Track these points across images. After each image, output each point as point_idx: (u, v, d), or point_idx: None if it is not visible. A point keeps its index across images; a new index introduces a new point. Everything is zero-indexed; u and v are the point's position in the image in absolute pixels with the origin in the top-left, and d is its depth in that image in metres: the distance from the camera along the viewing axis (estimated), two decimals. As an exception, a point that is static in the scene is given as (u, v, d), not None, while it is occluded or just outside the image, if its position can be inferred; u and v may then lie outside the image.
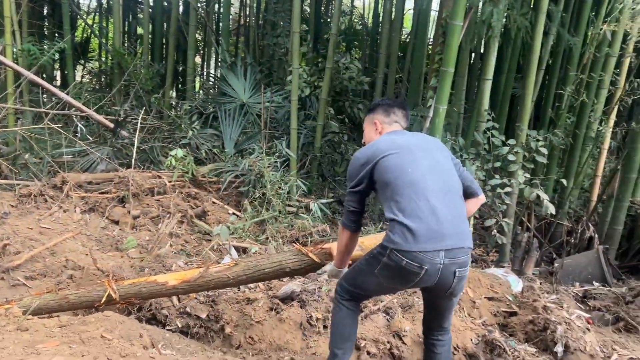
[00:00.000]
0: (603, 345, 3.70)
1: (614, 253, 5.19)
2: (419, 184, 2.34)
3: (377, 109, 2.76)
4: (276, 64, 8.47)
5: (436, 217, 2.28)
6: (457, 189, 2.47)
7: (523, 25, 4.53)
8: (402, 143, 2.51)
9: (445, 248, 2.26)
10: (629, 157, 5.02)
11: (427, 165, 2.42)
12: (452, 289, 2.39)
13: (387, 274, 2.39)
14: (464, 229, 2.36)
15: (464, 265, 2.35)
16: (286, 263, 3.17)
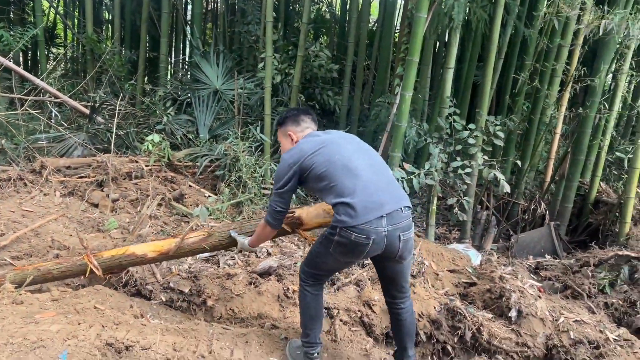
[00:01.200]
0: (552, 310, 4.04)
1: (564, 229, 5.63)
2: (348, 166, 2.59)
3: (286, 121, 2.92)
4: (246, 51, 8.61)
5: (370, 189, 2.55)
6: (382, 163, 2.77)
7: (482, 18, 4.85)
8: (324, 139, 2.74)
9: (386, 213, 2.52)
10: (578, 141, 5.44)
11: (351, 148, 2.70)
12: (400, 252, 2.63)
13: (340, 250, 2.63)
14: (398, 192, 2.66)
15: (407, 229, 2.61)
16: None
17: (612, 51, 5.07)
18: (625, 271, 4.35)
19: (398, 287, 2.89)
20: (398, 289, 2.89)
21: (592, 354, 3.65)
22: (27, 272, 3.40)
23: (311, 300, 2.86)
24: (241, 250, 3.98)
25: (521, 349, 3.74)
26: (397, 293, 2.92)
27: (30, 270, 3.41)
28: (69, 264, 3.45)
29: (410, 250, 2.69)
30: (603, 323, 3.93)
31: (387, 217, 2.53)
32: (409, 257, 2.73)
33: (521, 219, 5.75)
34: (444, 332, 3.79)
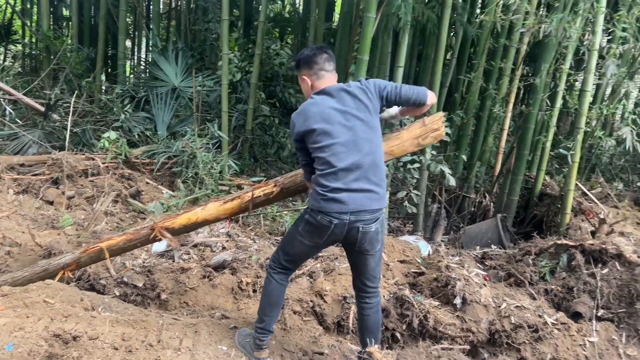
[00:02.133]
0: (496, 297, 4.24)
1: (511, 220, 5.88)
2: (333, 161, 2.63)
3: (300, 65, 2.86)
4: (208, 49, 8.65)
5: (345, 192, 2.62)
6: (371, 157, 2.67)
7: (431, 18, 5.04)
8: (327, 115, 2.68)
9: (351, 211, 2.65)
10: (522, 136, 5.70)
11: (343, 140, 2.65)
12: (359, 243, 2.74)
13: (307, 229, 2.78)
14: (371, 196, 2.68)
15: (369, 223, 2.70)
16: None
17: (552, 52, 5.34)
18: (564, 259, 4.58)
19: (363, 280, 2.97)
20: (363, 282, 2.97)
21: (532, 337, 3.86)
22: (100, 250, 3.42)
23: (275, 288, 2.97)
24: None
25: (465, 334, 3.92)
26: (362, 286, 3.00)
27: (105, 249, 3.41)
28: (138, 237, 3.44)
29: (371, 243, 2.77)
30: (542, 308, 4.15)
31: (352, 213, 2.66)
32: (372, 251, 2.82)
33: (470, 211, 5.99)
34: (392, 319, 3.94)
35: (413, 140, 3.27)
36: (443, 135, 3.34)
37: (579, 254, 4.50)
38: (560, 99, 5.40)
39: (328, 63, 2.81)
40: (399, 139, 3.27)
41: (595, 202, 5.59)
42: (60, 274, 3.43)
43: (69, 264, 3.45)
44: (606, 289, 4.24)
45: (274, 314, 3.02)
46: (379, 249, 2.86)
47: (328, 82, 2.80)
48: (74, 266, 3.47)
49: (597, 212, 5.33)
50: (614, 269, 4.33)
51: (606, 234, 4.91)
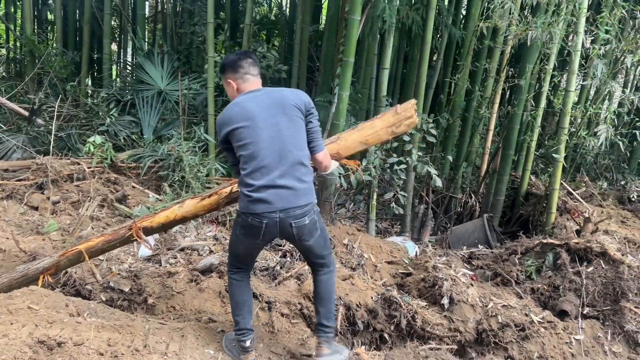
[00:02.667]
0: (483, 296, 4.27)
1: (497, 220, 5.93)
2: (257, 158, 2.70)
3: (225, 69, 2.94)
4: (195, 52, 8.61)
5: (271, 188, 2.69)
6: (295, 154, 2.74)
7: (416, 20, 5.07)
8: (249, 112, 2.74)
9: (279, 209, 2.70)
10: (507, 137, 5.76)
11: (266, 137, 2.71)
12: (297, 237, 2.83)
13: (243, 232, 2.84)
14: (297, 192, 2.74)
15: (299, 217, 2.76)
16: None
17: (536, 53, 5.40)
18: (550, 258, 4.62)
19: (312, 260, 3.06)
20: (313, 261, 3.07)
21: (519, 336, 3.90)
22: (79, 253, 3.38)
23: (235, 288, 3.04)
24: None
25: (453, 334, 3.95)
26: (312, 265, 3.11)
27: (84, 251, 3.37)
28: (117, 237, 3.41)
29: (310, 232, 2.84)
30: (529, 307, 4.19)
31: (280, 211, 2.72)
32: (312, 240, 2.88)
33: (456, 212, 6.03)
34: (381, 320, 3.96)
35: (387, 129, 3.31)
36: (417, 123, 3.38)
37: (565, 253, 4.55)
38: (544, 99, 5.47)
39: (253, 67, 2.90)
40: (372, 128, 3.31)
41: (580, 201, 5.66)
42: (41, 279, 3.39)
43: (48, 267, 3.42)
44: (591, 287, 4.29)
45: (244, 312, 3.05)
46: (319, 234, 2.91)
47: (253, 85, 2.88)
48: (53, 270, 3.44)
49: (582, 211, 5.39)
50: (598, 267, 4.38)
51: (591, 233, 4.97)
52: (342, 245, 4.82)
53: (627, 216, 5.79)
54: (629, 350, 4.02)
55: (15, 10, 10.45)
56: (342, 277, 4.19)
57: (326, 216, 5.27)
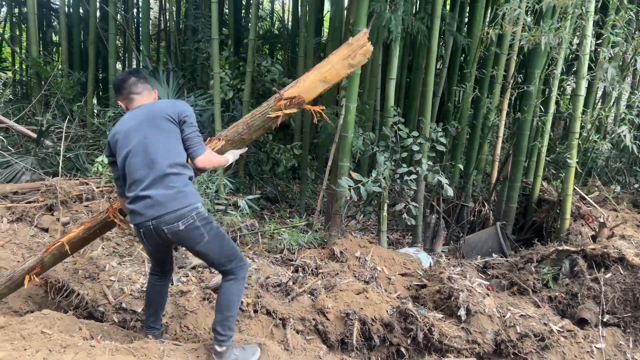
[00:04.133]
0: (500, 306, 4.20)
1: (510, 228, 5.85)
2: (131, 175, 2.86)
3: (115, 91, 3.15)
4: (199, 69, 8.65)
5: (140, 199, 2.81)
6: (161, 163, 2.81)
7: (421, 29, 5.05)
8: (126, 125, 2.92)
9: (151, 217, 2.80)
10: (517, 143, 5.70)
11: (135, 150, 2.84)
12: (179, 243, 2.95)
13: (138, 239, 3.11)
14: (166, 199, 2.78)
15: (172, 223, 2.79)
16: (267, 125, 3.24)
17: (543, 58, 5.36)
18: (566, 265, 4.55)
19: (162, 267, 3.26)
20: (162, 268, 3.26)
21: (538, 346, 3.82)
22: (61, 246, 3.37)
23: (148, 288, 3.32)
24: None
25: (471, 346, 3.88)
26: (160, 271, 3.28)
27: (66, 245, 3.37)
28: (96, 223, 3.42)
29: (191, 239, 2.86)
30: (547, 316, 4.12)
31: (152, 220, 2.82)
32: (198, 246, 2.90)
33: (469, 220, 5.96)
34: (397, 334, 3.90)
35: (343, 62, 3.25)
36: (371, 50, 3.32)
37: (581, 259, 4.48)
38: (553, 104, 5.41)
39: (136, 86, 3.03)
40: (329, 64, 3.26)
41: (594, 206, 5.58)
42: (27, 279, 3.35)
43: (33, 266, 3.40)
44: (610, 293, 4.21)
45: (149, 312, 3.30)
46: (207, 241, 2.88)
47: (138, 103, 3.02)
48: (38, 268, 3.41)
49: (596, 216, 5.31)
50: (617, 273, 4.30)
51: (607, 238, 4.90)
52: (355, 258, 4.77)
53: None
54: (653, 357, 3.93)
55: (20, 33, 10.55)
56: (356, 292, 4.14)
57: (337, 228, 5.23)
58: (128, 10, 9.23)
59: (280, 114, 3.16)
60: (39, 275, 3.46)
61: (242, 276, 3.04)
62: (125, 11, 9.22)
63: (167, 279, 3.37)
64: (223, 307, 3.01)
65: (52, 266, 3.55)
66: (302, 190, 6.87)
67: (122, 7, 9.26)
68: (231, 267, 2.98)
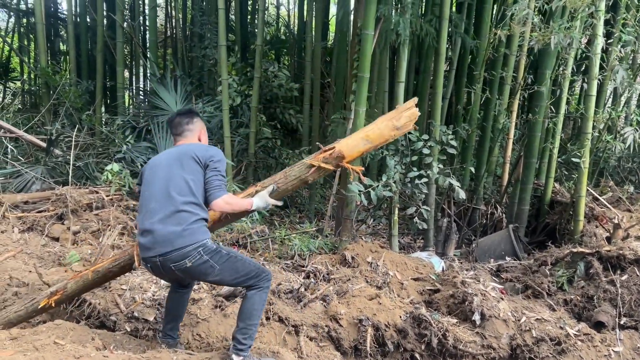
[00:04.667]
0: (514, 310, 4.15)
1: (523, 230, 5.79)
2: (146, 206, 2.93)
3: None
4: (206, 75, 8.66)
5: (150, 235, 2.84)
6: (177, 199, 2.86)
7: (430, 32, 5.02)
8: (158, 159, 3.07)
9: (158, 254, 2.82)
10: (529, 145, 5.65)
11: (158, 184, 2.93)
12: (189, 279, 3.13)
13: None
14: (173, 236, 2.80)
15: (178, 261, 2.81)
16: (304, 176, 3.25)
17: (553, 58, 5.31)
18: (581, 267, 4.49)
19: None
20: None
21: (555, 350, 3.77)
22: (86, 277, 3.36)
23: (168, 295, 3.39)
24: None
25: (486, 351, 3.83)
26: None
27: (90, 274, 3.35)
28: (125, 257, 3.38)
29: (202, 273, 2.90)
30: (563, 319, 4.06)
31: (159, 256, 2.84)
32: (209, 278, 2.95)
33: (481, 223, 5.90)
34: (411, 340, 3.86)
35: (388, 122, 3.25)
36: (417, 115, 3.32)
37: (596, 262, 4.43)
38: (564, 104, 5.36)
39: (176, 128, 3.19)
40: (374, 124, 3.28)
41: (607, 206, 5.51)
42: (44, 301, 3.33)
43: (56, 291, 3.37)
44: (627, 295, 4.16)
45: (166, 319, 3.37)
46: (218, 272, 2.89)
47: (179, 143, 3.18)
48: (60, 294, 3.37)
49: (610, 217, 5.25)
50: (633, 275, 4.25)
51: (622, 239, 4.83)
52: (366, 263, 4.73)
53: (657, 220, 5.62)
54: (672, 360, 3.86)
55: (28, 42, 10.63)
56: (368, 297, 4.10)
57: (347, 233, 5.19)
58: (135, 19, 9.27)
59: (316, 165, 3.15)
60: (58, 302, 3.45)
61: (266, 286, 3.05)
62: (132, 19, 9.26)
63: (189, 290, 3.39)
64: (245, 316, 3.00)
65: (74, 295, 3.53)
66: (311, 195, 6.84)
67: (129, 15, 9.31)
68: (251, 282, 2.99)
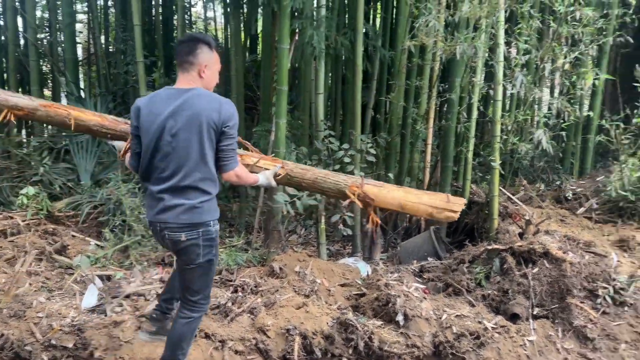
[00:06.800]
0: (436, 309, 4.31)
1: (444, 231, 6.03)
2: (156, 162, 2.72)
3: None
4: (131, 91, 8.47)
5: (159, 200, 2.73)
6: (193, 176, 2.69)
7: (345, 44, 5.18)
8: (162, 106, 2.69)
9: (159, 221, 2.75)
10: (444, 149, 5.93)
11: (172, 145, 2.67)
12: (172, 250, 2.92)
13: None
14: (180, 211, 2.70)
15: (174, 231, 2.73)
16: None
17: (462, 67, 5.61)
18: (497, 263, 4.73)
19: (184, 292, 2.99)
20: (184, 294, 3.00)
21: (475, 344, 3.94)
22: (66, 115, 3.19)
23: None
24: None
25: (411, 350, 3.95)
26: (183, 298, 3.03)
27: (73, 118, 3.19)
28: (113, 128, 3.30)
29: (187, 254, 2.80)
30: (481, 314, 4.26)
31: (161, 223, 2.77)
32: (191, 264, 2.82)
33: (404, 227, 6.11)
34: (338, 345, 3.92)
35: (428, 208, 3.27)
36: (455, 219, 3.32)
37: (510, 257, 4.67)
38: (475, 110, 5.65)
39: (178, 57, 2.83)
40: (417, 198, 3.30)
41: (520, 204, 5.84)
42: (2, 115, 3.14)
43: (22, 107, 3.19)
44: (538, 287, 4.41)
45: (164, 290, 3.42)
46: (197, 263, 2.82)
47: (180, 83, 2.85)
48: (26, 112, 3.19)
49: (522, 214, 5.56)
50: (543, 268, 4.51)
51: (533, 234, 5.13)
52: (294, 273, 4.77)
53: (565, 214, 6.02)
54: (580, 345, 4.13)
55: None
56: (296, 306, 4.14)
57: (276, 245, 5.23)
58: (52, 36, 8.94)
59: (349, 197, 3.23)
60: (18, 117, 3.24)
61: (199, 316, 3.01)
62: (50, 36, 8.93)
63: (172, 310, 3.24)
64: (175, 345, 2.96)
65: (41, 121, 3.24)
66: (241, 208, 6.82)
67: (48, 32, 8.96)
68: (197, 298, 2.94)
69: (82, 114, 3.25)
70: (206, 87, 2.80)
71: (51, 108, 3.24)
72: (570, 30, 5.02)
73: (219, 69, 2.89)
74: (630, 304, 4.29)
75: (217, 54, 2.85)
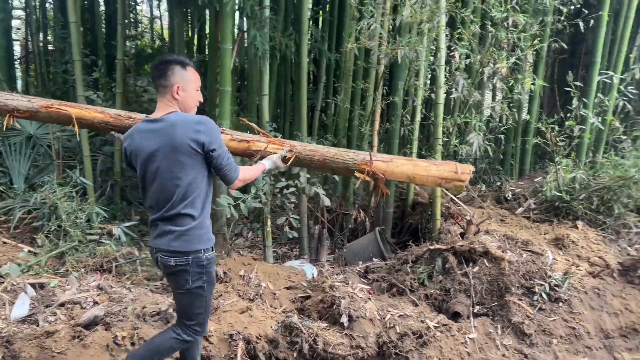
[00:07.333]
0: (380, 309, 4.34)
1: (389, 232, 6.12)
2: (146, 190, 2.78)
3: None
4: (70, 91, 8.14)
5: (153, 226, 2.82)
6: (179, 205, 2.68)
7: (289, 46, 5.15)
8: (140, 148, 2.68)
9: (155, 246, 2.80)
10: (388, 151, 5.99)
11: (154, 175, 2.69)
12: (164, 273, 2.97)
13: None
14: (172, 237, 2.71)
15: (165, 256, 2.74)
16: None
17: (405, 71, 5.70)
18: (439, 263, 4.82)
19: (180, 317, 2.99)
20: (180, 318, 2.99)
21: (417, 343, 3.99)
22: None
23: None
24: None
25: (355, 351, 3.96)
26: (179, 320, 3.00)
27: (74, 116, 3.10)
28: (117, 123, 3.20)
29: (177, 279, 2.80)
30: (424, 313, 4.33)
31: (156, 249, 2.82)
32: (181, 289, 2.81)
33: (349, 228, 6.15)
34: (282, 349, 3.88)
35: (437, 179, 3.29)
36: (463, 189, 3.34)
37: (452, 256, 4.77)
38: (419, 113, 5.76)
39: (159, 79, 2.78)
40: (426, 170, 3.29)
41: (461, 205, 5.99)
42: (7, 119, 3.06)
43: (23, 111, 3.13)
44: (479, 285, 4.53)
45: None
46: (186, 289, 2.79)
47: (156, 112, 2.85)
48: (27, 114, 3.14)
49: (464, 214, 5.70)
50: (483, 266, 4.63)
51: (474, 234, 5.27)
52: (239, 277, 4.71)
53: (504, 214, 6.21)
54: (518, 341, 4.27)
55: None
56: (239, 311, 4.09)
57: (220, 249, 5.13)
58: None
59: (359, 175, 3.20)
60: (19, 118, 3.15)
61: (189, 340, 2.96)
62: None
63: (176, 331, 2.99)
64: (153, 350, 2.93)
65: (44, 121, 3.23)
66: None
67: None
68: (191, 324, 2.91)
69: (85, 112, 3.17)
70: (184, 108, 2.75)
71: (52, 108, 3.15)
72: (508, 35, 5.19)
73: (197, 87, 2.80)
74: (564, 300, 4.47)
75: (193, 72, 2.78)
